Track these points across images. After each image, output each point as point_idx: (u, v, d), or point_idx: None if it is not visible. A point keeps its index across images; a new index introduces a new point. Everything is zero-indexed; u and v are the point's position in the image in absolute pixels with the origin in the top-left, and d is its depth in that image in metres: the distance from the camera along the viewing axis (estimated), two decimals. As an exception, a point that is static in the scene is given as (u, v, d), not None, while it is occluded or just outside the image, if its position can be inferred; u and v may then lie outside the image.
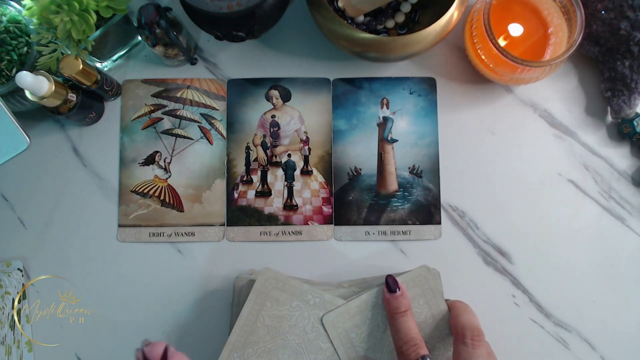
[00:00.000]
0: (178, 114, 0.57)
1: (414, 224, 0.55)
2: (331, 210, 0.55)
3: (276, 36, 0.58)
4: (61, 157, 0.56)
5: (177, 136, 0.57)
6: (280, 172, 0.56)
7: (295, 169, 0.56)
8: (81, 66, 0.49)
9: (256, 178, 0.56)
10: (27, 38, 0.51)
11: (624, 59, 0.53)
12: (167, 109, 0.57)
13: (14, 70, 0.50)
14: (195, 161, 0.56)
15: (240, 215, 0.55)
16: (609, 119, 0.56)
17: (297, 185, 0.56)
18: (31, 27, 0.50)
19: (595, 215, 0.55)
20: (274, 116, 0.57)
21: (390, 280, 0.46)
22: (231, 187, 0.56)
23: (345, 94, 0.57)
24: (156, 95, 0.57)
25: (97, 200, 0.56)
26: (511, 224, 0.55)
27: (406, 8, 0.57)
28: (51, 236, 0.55)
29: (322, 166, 0.56)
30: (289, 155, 0.56)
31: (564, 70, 0.57)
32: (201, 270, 0.55)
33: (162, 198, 0.56)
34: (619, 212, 0.55)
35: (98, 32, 0.50)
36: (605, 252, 0.54)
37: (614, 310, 0.53)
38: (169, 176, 0.56)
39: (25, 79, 0.45)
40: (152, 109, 0.57)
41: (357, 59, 0.56)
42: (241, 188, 0.56)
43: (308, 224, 0.55)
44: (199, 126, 0.57)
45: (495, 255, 0.54)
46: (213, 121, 0.57)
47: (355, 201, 0.55)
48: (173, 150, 0.57)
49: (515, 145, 0.56)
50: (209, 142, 0.57)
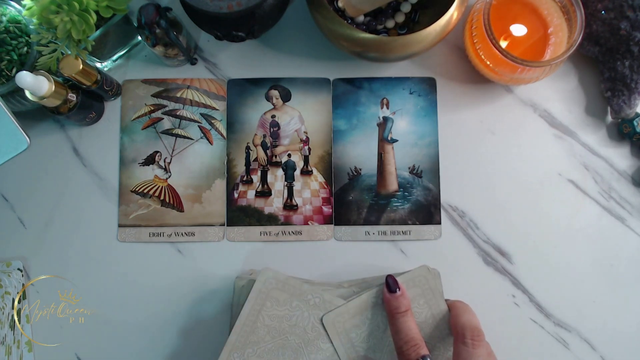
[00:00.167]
0: (178, 114, 0.57)
1: (414, 224, 0.55)
2: (331, 210, 0.55)
3: (276, 36, 0.58)
4: (61, 157, 0.56)
5: (177, 136, 0.57)
6: (280, 172, 0.56)
7: (295, 169, 0.56)
8: (81, 66, 0.49)
9: (256, 178, 0.56)
10: (27, 38, 0.51)
11: (624, 59, 0.53)
12: (167, 109, 0.57)
13: (14, 70, 0.50)
14: (195, 161, 0.56)
15: (240, 215, 0.55)
16: (609, 119, 0.56)
17: (297, 185, 0.56)
18: (31, 27, 0.50)
19: (595, 215, 0.55)
20: (274, 116, 0.57)
21: (390, 280, 0.46)
22: (231, 187, 0.56)
23: (345, 94, 0.57)
24: (156, 95, 0.57)
25: (97, 200, 0.56)
26: (511, 224, 0.55)
27: (406, 8, 0.57)
28: (51, 236, 0.55)
29: (322, 166, 0.56)
30: (289, 155, 0.56)
31: (564, 70, 0.57)
32: (201, 270, 0.55)
33: (162, 198, 0.56)
34: (619, 212, 0.55)
35: (98, 32, 0.50)
36: (605, 252, 0.54)
37: (614, 310, 0.53)
38: (169, 176, 0.56)
39: (25, 79, 0.45)
40: (152, 109, 0.57)
41: (357, 59, 0.56)
42: (241, 188, 0.56)
43: (308, 224, 0.55)
44: (199, 126, 0.57)
45: (495, 255, 0.54)
46: (213, 121, 0.57)
47: (355, 201, 0.55)
48: (173, 150, 0.57)
49: (515, 145, 0.56)
50: (209, 142, 0.57)
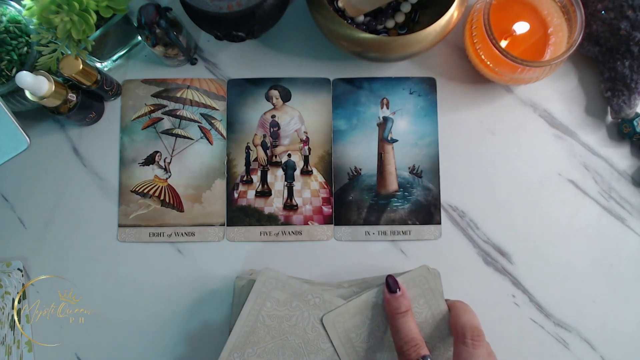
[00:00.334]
0: (178, 114, 0.57)
1: (414, 224, 0.55)
2: (331, 210, 0.55)
3: (276, 36, 0.58)
4: (61, 157, 0.56)
5: (177, 136, 0.57)
6: (280, 172, 0.56)
7: (295, 169, 0.56)
8: (81, 66, 0.49)
9: (256, 178, 0.56)
10: (27, 38, 0.51)
11: (624, 59, 0.53)
12: (167, 109, 0.57)
13: (14, 70, 0.50)
14: (195, 161, 0.56)
15: (240, 215, 0.55)
16: (609, 119, 0.56)
17: (297, 185, 0.56)
18: (31, 27, 0.50)
19: (595, 215, 0.55)
20: (274, 116, 0.57)
21: (390, 280, 0.46)
22: (231, 187, 0.56)
23: (345, 94, 0.57)
24: (156, 95, 0.57)
25: (97, 200, 0.56)
26: (511, 224, 0.55)
27: (406, 8, 0.57)
28: (51, 236, 0.55)
29: (322, 166, 0.56)
30: (289, 155, 0.56)
31: (564, 70, 0.57)
32: (201, 270, 0.55)
33: (162, 198, 0.56)
34: (619, 212, 0.55)
35: (98, 32, 0.50)
36: (605, 252, 0.54)
37: (614, 310, 0.53)
38: (169, 176, 0.56)
39: (25, 79, 0.45)
40: (152, 109, 0.57)
41: (357, 59, 0.56)
42: (241, 188, 0.56)
43: (308, 224, 0.55)
44: (199, 126, 0.57)
45: (495, 255, 0.54)
46: (213, 121, 0.57)
47: (355, 201, 0.55)
48: (173, 150, 0.57)
49: (515, 145, 0.56)
50: (209, 142, 0.57)
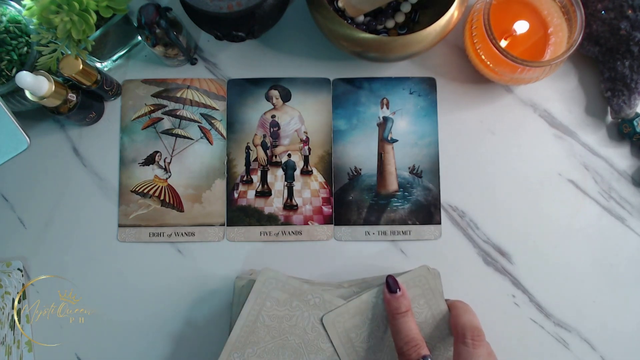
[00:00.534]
0: (178, 114, 0.57)
1: (414, 224, 0.55)
2: (331, 210, 0.55)
3: (276, 36, 0.58)
4: (61, 157, 0.56)
5: (177, 136, 0.57)
6: (280, 172, 0.56)
7: (295, 169, 0.56)
8: (81, 66, 0.49)
9: (256, 178, 0.56)
10: (27, 38, 0.51)
11: (624, 59, 0.53)
12: (167, 109, 0.57)
13: (14, 70, 0.50)
14: (195, 161, 0.56)
15: (240, 215, 0.55)
16: (609, 119, 0.56)
17: (297, 185, 0.56)
18: (31, 27, 0.50)
19: (595, 215, 0.55)
20: (274, 116, 0.57)
21: (390, 280, 0.46)
22: (231, 187, 0.56)
23: (345, 94, 0.57)
24: (156, 95, 0.57)
25: (97, 200, 0.56)
26: (511, 224, 0.55)
27: (406, 8, 0.57)
28: (51, 236, 0.55)
29: (322, 166, 0.56)
30: (289, 155, 0.56)
31: (564, 70, 0.57)
32: (201, 270, 0.55)
33: (162, 198, 0.56)
34: (619, 212, 0.55)
35: (98, 32, 0.50)
36: (605, 252, 0.54)
37: (614, 310, 0.53)
38: (169, 176, 0.56)
39: (25, 79, 0.45)
40: (152, 109, 0.57)
41: (357, 59, 0.56)
42: (241, 188, 0.56)
43: (308, 224, 0.55)
44: (199, 126, 0.57)
45: (495, 255, 0.54)
46: (213, 121, 0.57)
47: (355, 201, 0.55)
48: (173, 150, 0.57)
49: (515, 145, 0.56)
50: (209, 142, 0.57)
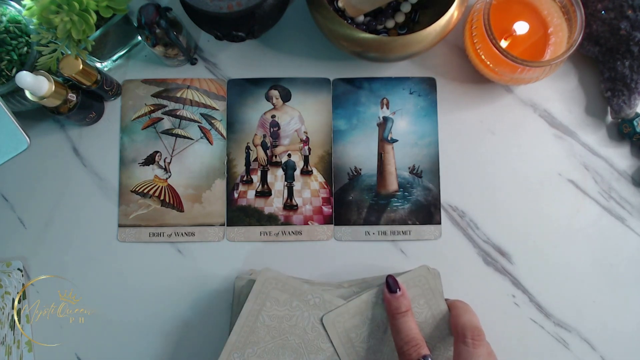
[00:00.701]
0: (178, 114, 0.57)
1: (414, 224, 0.55)
2: (331, 210, 0.55)
3: (276, 36, 0.58)
4: (61, 157, 0.56)
5: (177, 136, 0.57)
6: (280, 172, 0.56)
7: (295, 169, 0.56)
8: (81, 66, 0.49)
9: (256, 178, 0.56)
10: (27, 38, 0.51)
11: (624, 59, 0.53)
12: (167, 109, 0.57)
13: (14, 70, 0.50)
14: (195, 161, 0.56)
15: (240, 215, 0.55)
16: (609, 119, 0.56)
17: (297, 185, 0.56)
18: (31, 27, 0.50)
19: (595, 215, 0.55)
20: (274, 116, 0.57)
21: (390, 280, 0.46)
22: (231, 187, 0.56)
23: (345, 94, 0.57)
24: (156, 95, 0.57)
25: (97, 200, 0.56)
26: (511, 224, 0.55)
27: (406, 8, 0.57)
28: (51, 236, 0.55)
29: (322, 166, 0.56)
30: (289, 155, 0.56)
31: (564, 70, 0.57)
32: (201, 270, 0.55)
33: (162, 198, 0.56)
34: (619, 212, 0.55)
35: (98, 32, 0.50)
36: (605, 252, 0.54)
37: (614, 310, 0.53)
38: (169, 176, 0.56)
39: (25, 79, 0.45)
40: (152, 109, 0.57)
41: (357, 59, 0.56)
42: (241, 188, 0.56)
43: (308, 224, 0.55)
44: (199, 126, 0.57)
45: (495, 255, 0.54)
46: (213, 121, 0.57)
47: (355, 201, 0.55)
48: (173, 150, 0.57)
49: (515, 145, 0.56)
50: (209, 142, 0.57)
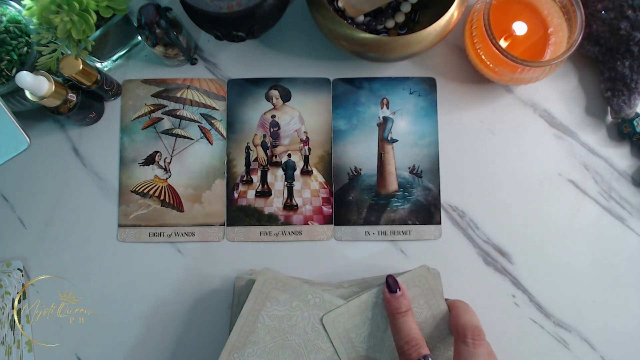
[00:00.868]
0: (178, 114, 0.57)
1: (414, 224, 0.55)
2: (331, 210, 0.55)
3: (276, 36, 0.58)
4: (61, 157, 0.56)
5: (177, 136, 0.57)
6: (280, 172, 0.56)
7: (295, 169, 0.56)
8: (81, 66, 0.49)
9: (256, 178, 0.56)
10: (27, 38, 0.51)
11: (624, 59, 0.53)
12: (167, 109, 0.57)
13: (14, 70, 0.50)
14: (195, 161, 0.56)
15: (240, 215, 0.55)
16: (609, 119, 0.56)
17: (297, 185, 0.56)
18: (31, 27, 0.50)
19: (595, 215, 0.55)
20: (274, 116, 0.57)
21: (390, 280, 0.46)
22: (231, 187, 0.56)
23: (345, 94, 0.57)
24: (156, 95, 0.57)
25: (97, 200, 0.56)
26: (511, 224, 0.55)
27: (406, 8, 0.57)
28: (51, 236, 0.55)
29: (322, 166, 0.56)
30: (289, 155, 0.56)
31: (564, 70, 0.57)
32: (201, 270, 0.55)
33: (162, 198, 0.56)
34: (619, 212, 0.55)
35: (98, 32, 0.50)
36: (605, 252, 0.54)
37: (614, 310, 0.53)
38: (169, 176, 0.56)
39: (25, 79, 0.45)
40: (152, 109, 0.57)
41: (357, 59, 0.56)
42: (241, 188, 0.56)
43: (308, 224, 0.55)
44: (199, 126, 0.57)
45: (495, 255, 0.54)
46: (213, 121, 0.57)
47: (355, 201, 0.55)
48: (173, 150, 0.57)
49: (515, 145, 0.56)
50: (209, 142, 0.57)
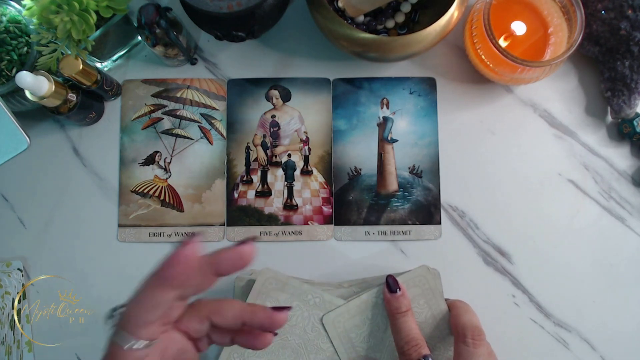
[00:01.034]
0: (178, 114, 0.57)
1: (414, 224, 0.55)
2: (331, 210, 0.55)
3: (276, 36, 0.57)
4: (61, 157, 0.56)
5: (177, 136, 0.57)
6: (280, 172, 0.56)
7: (295, 169, 0.56)
8: (81, 66, 0.49)
9: (256, 178, 0.56)
10: (27, 38, 0.51)
11: (624, 59, 0.53)
12: (167, 109, 0.57)
13: (14, 70, 0.50)
14: (195, 161, 0.56)
15: (240, 215, 0.55)
16: (609, 119, 0.56)
17: (297, 185, 0.56)
18: (31, 27, 0.50)
19: (595, 215, 0.55)
20: (274, 116, 0.57)
21: (390, 280, 0.46)
22: (231, 187, 0.56)
23: (345, 94, 0.57)
24: (156, 95, 0.57)
25: (97, 200, 0.56)
26: (511, 224, 0.55)
27: (406, 8, 0.57)
28: (51, 236, 0.55)
29: (322, 166, 0.56)
30: (289, 155, 0.56)
31: (564, 70, 0.57)
32: (201, 270, 0.55)
33: (162, 198, 0.56)
34: (619, 212, 0.55)
35: (98, 32, 0.50)
36: (605, 252, 0.54)
37: (614, 310, 0.53)
38: (169, 176, 0.56)
39: (25, 79, 0.45)
40: (152, 109, 0.57)
41: (357, 59, 0.56)
42: (241, 188, 0.56)
43: (308, 224, 0.55)
44: (199, 126, 0.57)
45: (495, 255, 0.54)
46: (213, 121, 0.57)
47: (355, 201, 0.55)
48: (173, 150, 0.57)
49: (515, 145, 0.56)
50: (209, 142, 0.57)
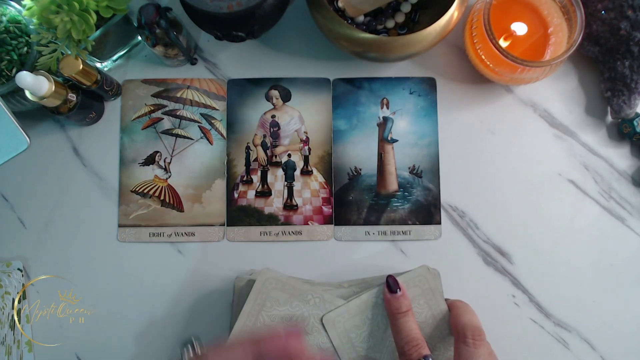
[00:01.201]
0: (178, 114, 0.57)
1: (414, 224, 0.55)
2: (331, 210, 0.55)
3: (276, 36, 0.58)
4: (61, 157, 0.56)
5: (177, 136, 0.57)
6: (280, 172, 0.56)
7: (295, 169, 0.56)
8: (81, 66, 0.49)
9: (256, 178, 0.56)
10: (27, 38, 0.51)
11: (624, 59, 0.53)
12: (167, 109, 0.57)
13: (14, 70, 0.50)
14: (195, 161, 0.56)
15: (240, 215, 0.55)
16: (609, 119, 0.56)
17: (297, 185, 0.56)
18: (31, 27, 0.50)
19: (595, 215, 0.55)
20: (274, 116, 0.57)
21: (390, 280, 0.46)
22: (231, 187, 0.56)
23: (345, 94, 0.57)
24: (156, 95, 0.57)
25: (97, 200, 0.56)
26: (511, 224, 0.55)
27: (406, 8, 0.57)
28: (51, 236, 0.55)
29: (322, 166, 0.56)
30: (289, 155, 0.56)
31: (564, 70, 0.57)
32: (201, 270, 0.55)
33: (162, 198, 0.56)
34: (619, 212, 0.55)
35: (98, 32, 0.50)
36: (605, 252, 0.54)
37: (614, 310, 0.53)
38: (169, 176, 0.56)
39: (25, 79, 0.45)
40: (152, 109, 0.57)
41: (357, 59, 0.56)
42: (241, 188, 0.56)
43: (308, 224, 0.55)
44: (199, 126, 0.57)
45: (495, 255, 0.54)
46: (213, 121, 0.57)
47: (355, 201, 0.55)
48: (173, 150, 0.57)
49: (515, 145, 0.56)
50: (209, 142, 0.57)
